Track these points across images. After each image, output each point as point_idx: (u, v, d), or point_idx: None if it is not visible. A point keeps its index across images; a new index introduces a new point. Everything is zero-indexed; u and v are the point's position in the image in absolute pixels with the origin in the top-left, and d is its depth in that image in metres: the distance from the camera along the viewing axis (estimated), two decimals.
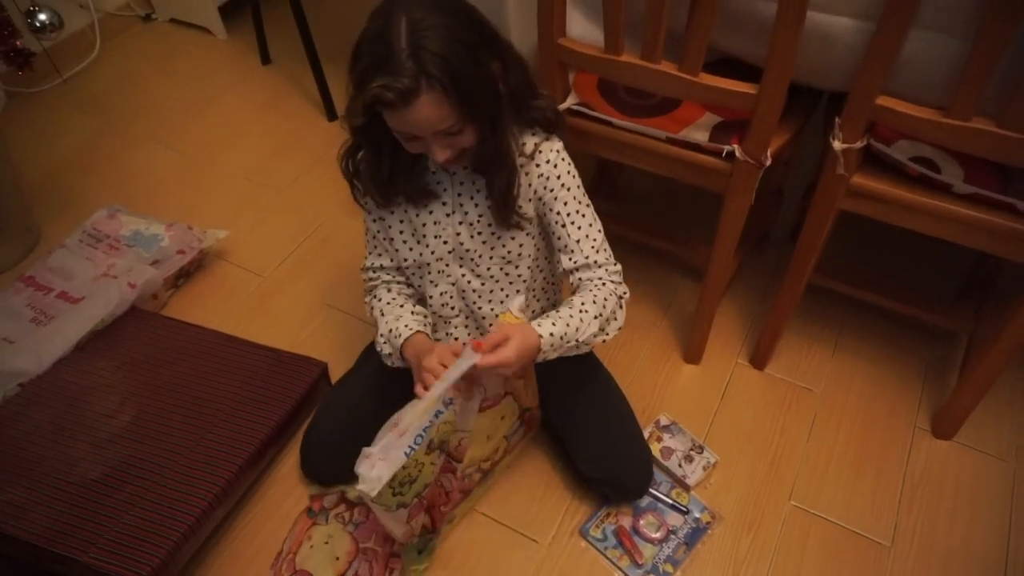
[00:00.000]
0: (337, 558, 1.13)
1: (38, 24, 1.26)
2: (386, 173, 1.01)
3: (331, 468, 1.21)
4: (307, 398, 1.28)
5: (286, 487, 1.24)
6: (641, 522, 1.18)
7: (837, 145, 1.01)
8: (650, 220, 1.66)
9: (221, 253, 1.64)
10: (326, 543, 1.15)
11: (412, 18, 0.82)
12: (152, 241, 1.54)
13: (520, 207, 1.02)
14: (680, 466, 1.24)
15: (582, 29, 1.14)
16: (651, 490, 1.21)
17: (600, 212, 1.09)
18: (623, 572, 1.13)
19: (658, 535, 1.16)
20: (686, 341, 1.43)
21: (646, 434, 1.29)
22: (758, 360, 1.40)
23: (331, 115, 1.99)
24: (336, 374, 1.33)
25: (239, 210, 1.75)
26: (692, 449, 1.27)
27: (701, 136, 1.13)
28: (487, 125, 0.92)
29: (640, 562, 1.14)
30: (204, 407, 1.24)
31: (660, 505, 1.20)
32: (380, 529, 1.15)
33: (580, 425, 1.20)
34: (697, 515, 1.19)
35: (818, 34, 0.97)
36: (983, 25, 0.83)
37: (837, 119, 1.00)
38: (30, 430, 1.21)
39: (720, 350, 1.44)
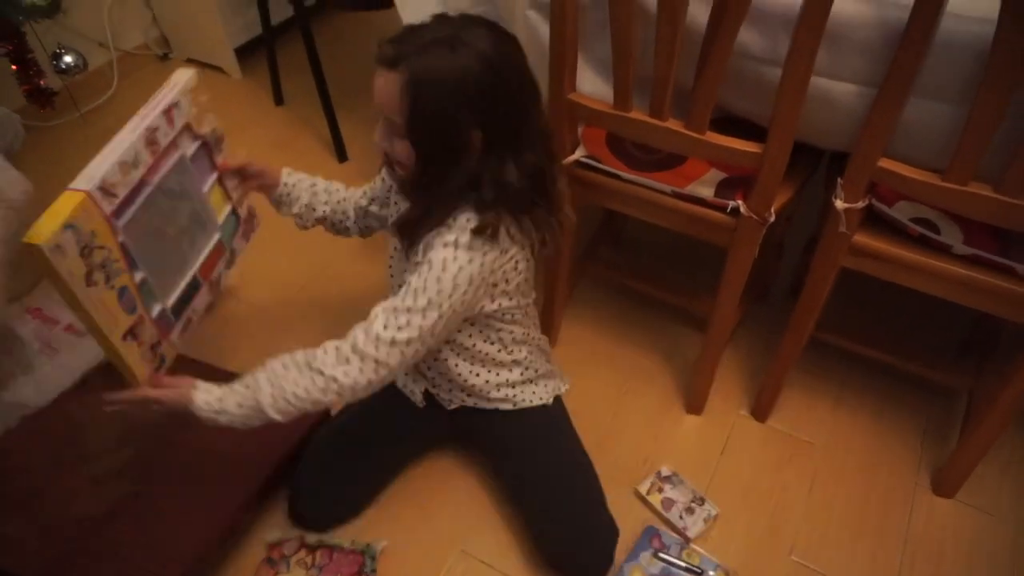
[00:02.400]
0: None
1: (63, 66, 1.30)
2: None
3: (323, 515, 1.22)
4: (308, 439, 1.28)
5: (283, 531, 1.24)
6: None
7: (839, 204, 1.04)
8: (654, 271, 1.68)
9: (230, 290, 1.65)
10: None
11: (455, 34, 0.86)
12: None
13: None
14: (681, 518, 1.24)
15: (592, 85, 1.17)
16: (662, 555, 1.19)
17: (606, 262, 1.10)
18: None
19: None
20: (688, 392, 1.43)
21: (646, 485, 1.28)
22: (760, 412, 1.41)
23: (341, 156, 2.03)
24: None
25: (248, 248, 1.76)
26: (693, 501, 1.26)
27: (706, 191, 1.16)
28: (428, 167, 0.92)
29: None
30: (203, 445, 1.23)
31: (674, 570, 1.17)
32: (345, 570, 1.15)
33: (532, 492, 1.19)
34: (712, 573, 1.17)
35: (821, 97, 1.00)
36: (979, 94, 0.86)
37: (840, 179, 1.03)
38: (30, 462, 1.20)
39: (722, 402, 1.44)
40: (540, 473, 1.19)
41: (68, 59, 1.31)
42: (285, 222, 1.88)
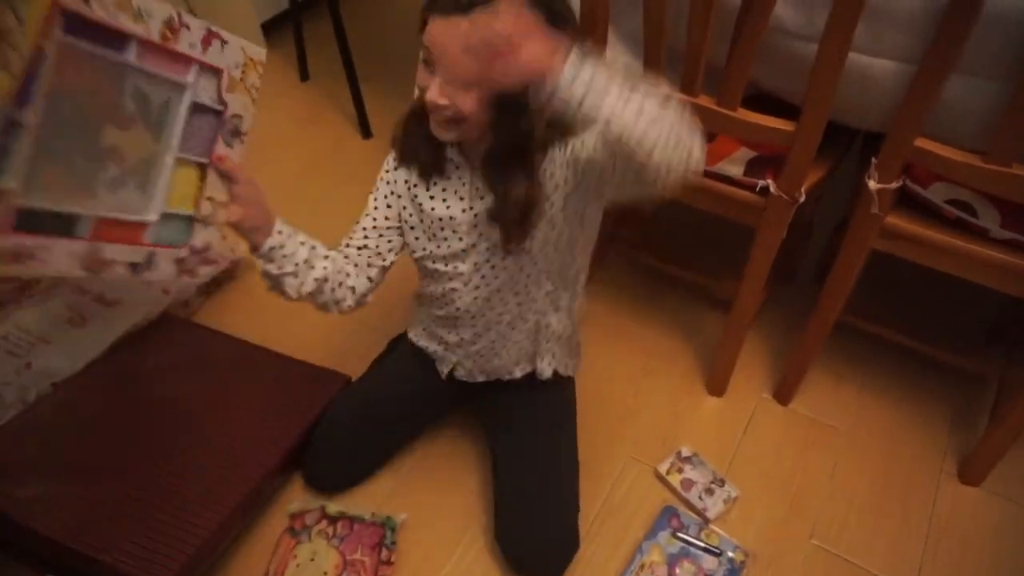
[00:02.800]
0: (325, 573, 1.13)
1: None
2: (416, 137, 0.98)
3: (338, 476, 1.24)
4: (323, 414, 1.29)
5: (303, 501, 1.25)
6: (678, 570, 1.15)
7: (872, 185, 1.02)
8: (679, 250, 1.67)
9: (253, 264, 1.65)
10: (312, 560, 1.15)
11: None
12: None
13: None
14: (700, 499, 1.24)
15: (624, 60, 1.16)
16: (680, 535, 1.18)
17: (630, 241, 1.09)
18: None
19: None
20: (710, 373, 1.43)
21: (666, 465, 1.28)
22: (782, 395, 1.40)
23: (366, 133, 2.03)
24: None
25: None
26: (713, 482, 1.26)
27: (736, 170, 1.14)
28: (503, 109, 0.85)
29: None
30: (230, 415, 1.25)
31: (693, 550, 1.17)
32: (366, 540, 1.16)
33: (512, 479, 1.18)
34: (731, 554, 1.17)
35: (858, 75, 0.98)
36: None
37: (873, 159, 1.01)
38: (60, 429, 1.23)
39: (744, 384, 1.43)
40: (527, 464, 1.17)
41: None
42: (307, 199, 1.90)
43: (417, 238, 1.06)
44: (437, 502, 1.25)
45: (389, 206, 1.07)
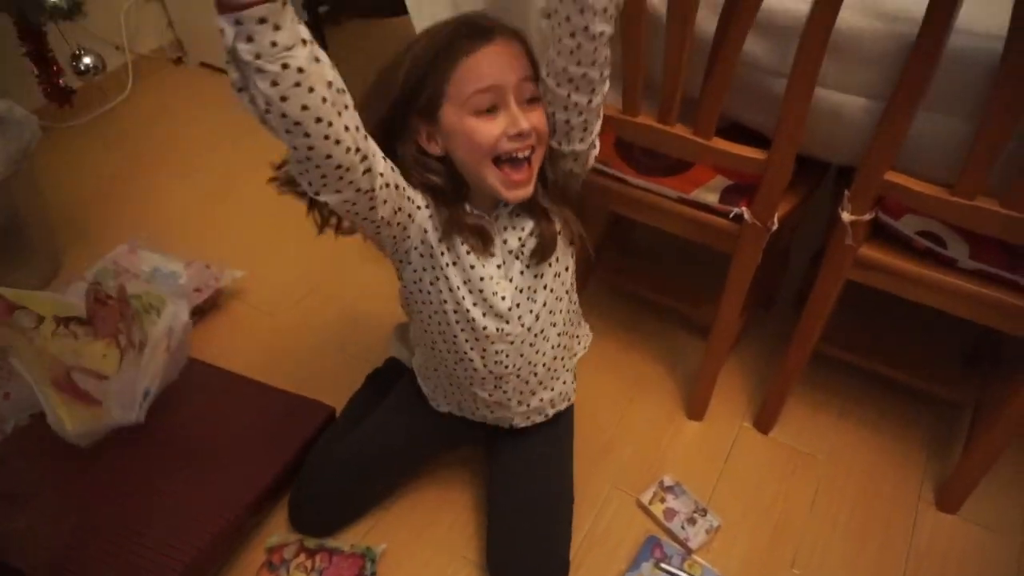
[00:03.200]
0: None
1: (82, 67, 1.33)
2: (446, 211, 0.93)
3: (326, 523, 1.21)
4: (314, 441, 1.28)
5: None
6: None
7: (846, 216, 1.04)
8: (660, 277, 1.68)
9: (237, 293, 1.67)
10: None
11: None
12: (170, 278, 1.57)
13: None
14: (683, 528, 1.24)
15: None
16: (663, 566, 1.18)
17: (612, 266, 1.10)
18: None
19: None
20: (691, 399, 1.43)
21: (648, 494, 1.28)
22: (763, 424, 1.40)
23: None
24: None
25: (256, 250, 1.78)
26: (695, 511, 1.26)
27: (711, 198, 1.16)
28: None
29: None
30: (211, 446, 1.25)
31: None
32: (346, 573, 1.15)
33: (504, 504, 1.16)
34: None
35: (827, 110, 1.00)
36: (989, 109, 0.86)
37: (846, 191, 1.03)
38: (37, 460, 1.21)
39: (725, 411, 1.44)
40: (521, 492, 1.16)
41: (87, 60, 1.34)
42: (291, 226, 1.90)
43: (452, 287, 0.97)
44: (418, 532, 1.24)
45: (412, 215, 0.93)
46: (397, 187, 0.86)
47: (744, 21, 0.93)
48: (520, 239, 0.97)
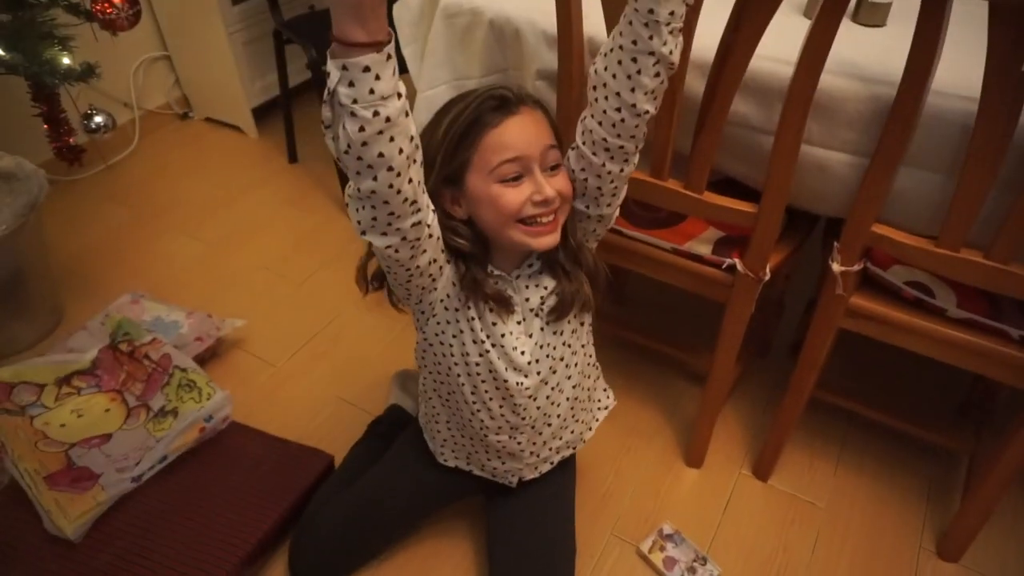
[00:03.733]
0: None
1: (93, 126, 1.37)
2: (468, 273, 0.95)
3: (322, 569, 1.20)
4: (313, 491, 1.28)
5: None
6: None
7: (836, 267, 1.07)
8: (656, 325, 1.71)
9: (237, 342, 1.68)
10: None
11: None
12: (172, 327, 1.58)
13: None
14: None
15: None
16: None
17: (608, 316, 1.12)
18: None
19: None
20: (689, 446, 1.44)
21: (648, 543, 1.28)
22: (761, 471, 1.41)
23: None
24: None
25: (257, 301, 1.80)
26: (695, 560, 1.26)
27: (704, 249, 1.19)
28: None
29: None
30: (211, 493, 1.25)
31: None
32: None
33: (498, 548, 1.17)
34: None
35: (814, 165, 1.04)
36: (966, 166, 0.89)
37: (836, 243, 1.06)
38: (30, 513, 1.21)
39: (723, 459, 1.45)
40: (523, 541, 1.16)
41: (99, 119, 1.38)
42: (292, 278, 1.94)
43: (476, 339, 0.99)
44: None
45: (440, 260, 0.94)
46: (438, 239, 0.89)
47: (731, 83, 0.97)
48: (541, 297, 1.00)
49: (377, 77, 0.67)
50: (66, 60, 1.20)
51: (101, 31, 1.43)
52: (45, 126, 1.44)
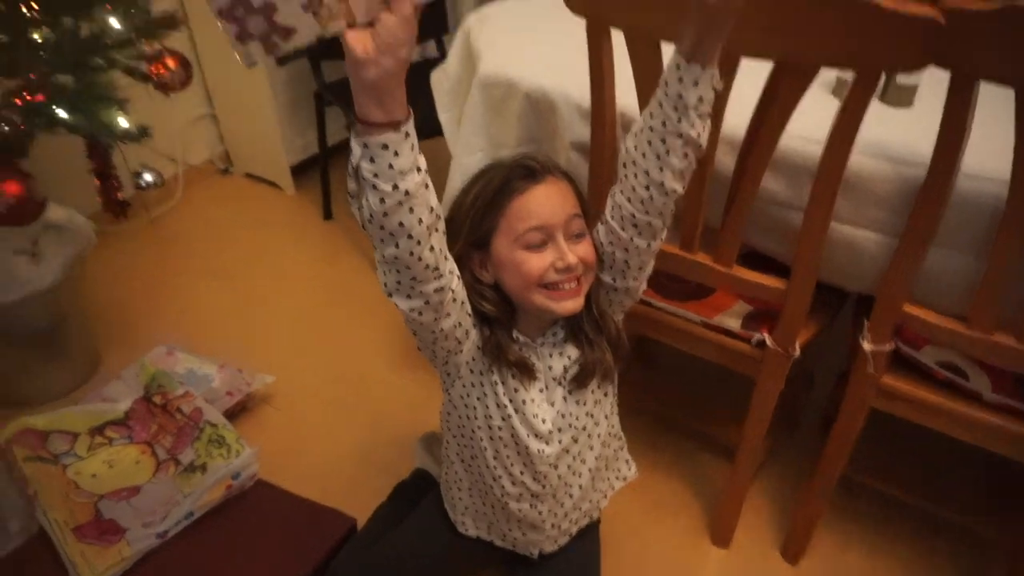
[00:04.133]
0: None
1: (143, 183, 1.44)
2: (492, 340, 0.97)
3: None
4: (335, 552, 1.27)
5: None
6: None
7: (867, 346, 1.06)
8: (683, 394, 1.69)
9: (266, 397, 1.70)
10: None
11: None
12: (204, 380, 1.61)
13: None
14: None
15: None
16: None
17: (637, 385, 1.12)
18: None
19: None
20: (716, 524, 1.41)
21: None
22: (791, 553, 1.37)
23: None
24: None
25: (286, 355, 1.83)
26: None
27: (733, 323, 1.19)
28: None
29: None
30: (233, 552, 1.24)
31: None
32: None
33: None
34: None
35: (844, 242, 1.05)
36: (995, 248, 0.89)
37: (866, 321, 1.06)
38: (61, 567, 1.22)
39: (752, 538, 1.41)
40: None
41: (148, 177, 1.45)
42: (322, 334, 1.97)
43: (500, 404, 1.00)
44: None
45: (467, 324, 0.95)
46: (463, 304, 0.91)
47: (762, 160, 0.99)
48: (564, 366, 1.00)
49: (396, 154, 0.71)
50: (123, 122, 1.27)
51: (155, 91, 1.51)
52: (96, 181, 1.50)
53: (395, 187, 0.72)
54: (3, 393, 1.67)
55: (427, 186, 0.75)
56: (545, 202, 0.91)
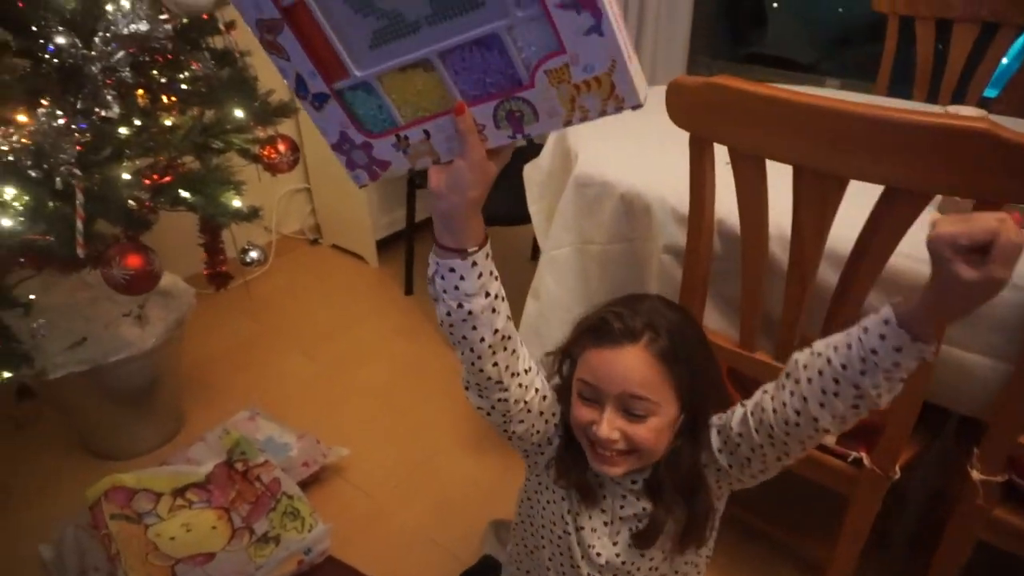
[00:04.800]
0: None
1: (248, 260, 1.52)
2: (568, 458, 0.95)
3: None
4: None
5: None
6: None
7: (976, 475, 1.00)
8: (770, 507, 1.62)
9: (339, 470, 1.72)
10: None
11: (651, 304, 0.87)
12: (282, 449, 1.64)
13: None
14: None
15: (717, 323, 1.23)
16: None
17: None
18: None
19: None
20: None
21: None
22: None
23: None
24: None
25: (361, 428, 1.85)
26: None
27: (829, 439, 1.15)
28: (686, 428, 0.88)
29: None
30: None
31: None
32: None
33: None
34: None
35: (954, 364, 1.01)
36: None
37: (976, 449, 1.01)
38: None
39: None
40: None
41: (253, 255, 1.54)
42: (398, 409, 1.98)
43: (563, 514, 0.98)
44: None
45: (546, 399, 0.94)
46: (541, 415, 0.91)
47: (868, 278, 0.97)
48: (635, 514, 0.95)
49: (461, 278, 0.76)
50: (237, 203, 1.35)
51: (263, 171, 1.61)
52: (204, 254, 1.59)
53: (460, 306, 0.77)
54: (94, 447, 1.75)
55: (494, 310, 0.79)
56: (605, 367, 0.85)
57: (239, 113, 1.42)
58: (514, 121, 0.68)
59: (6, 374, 1.25)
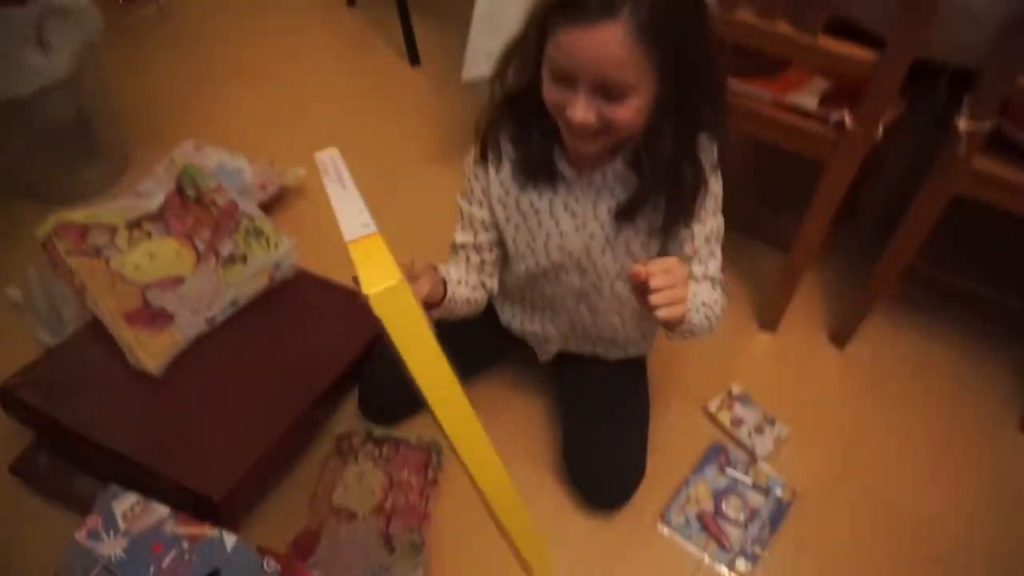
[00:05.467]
0: (373, 492, 1.16)
1: None
2: (532, 149, 0.92)
3: (391, 407, 1.24)
4: (377, 340, 1.29)
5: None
6: (724, 505, 1.16)
7: (963, 125, 0.95)
8: (737, 183, 1.61)
9: (299, 190, 1.65)
10: (359, 481, 1.18)
11: None
12: (235, 174, 1.56)
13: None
14: (749, 436, 1.23)
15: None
16: (729, 469, 1.19)
17: None
18: (711, 558, 1.11)
19: (742, 517, 1.15)
20: (765, 308, 1.39)
21: (716, 403, 1.27)
22: (840, 338, 1.36)
23: (414, 60, 1.98)
24: None
25: (316, 148, 1.75)
26: (763, 421, 1.25)
27: (809, 102, 1.08)
28: (668, 107, 0.81)
29: (728, 546, 1.12)
30: (282, 337, 1.28)
31: (740, 486, 1.18)
32: (412, 462, 1.19)
33: (573, 402, 1.19)
34: (778, 494, 1.17)
35: (956, 7, 0.90)
36: None
37: (966, 96, 0.94)
38: (110, 354, 1.25)
39: (800, 324, 1.40)
40: (599, 395, 1.17)
41: None
42: (351, 126, 1.85)
43: (518, 246, 1.02)
44: (485, 427, 1.26)
45: (481, 205, 1.02)
46: (490, 249, 1.05)
47: None
48: (609, 208, 0.93)
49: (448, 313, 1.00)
50: None
51: None
52: None
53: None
54: (42, 191, 1.65)
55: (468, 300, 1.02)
56: (576, 49, 0.76)
57: None
58: None
59: None
